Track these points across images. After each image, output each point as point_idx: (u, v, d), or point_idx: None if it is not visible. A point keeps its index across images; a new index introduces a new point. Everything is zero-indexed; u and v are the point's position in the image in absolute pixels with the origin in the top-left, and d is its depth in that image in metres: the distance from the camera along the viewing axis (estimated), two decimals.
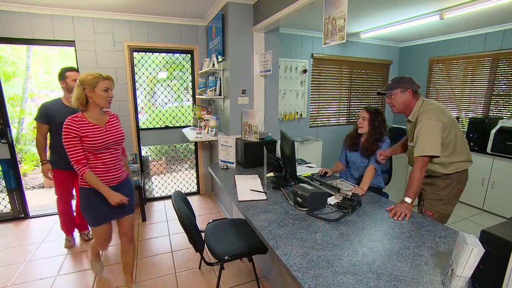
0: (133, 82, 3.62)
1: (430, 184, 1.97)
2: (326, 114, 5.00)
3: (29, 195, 3.72)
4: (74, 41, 3.25)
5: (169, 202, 3.99)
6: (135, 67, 3.64)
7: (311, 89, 4.68)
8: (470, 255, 0.92)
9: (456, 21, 3.60)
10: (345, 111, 5.15)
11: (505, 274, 0.87)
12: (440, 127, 1.73)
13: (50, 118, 2.48)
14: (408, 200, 1.68)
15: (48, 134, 2.57)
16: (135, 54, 3.63)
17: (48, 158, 2.66)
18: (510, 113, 3.92)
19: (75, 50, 3.28)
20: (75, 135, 1.69)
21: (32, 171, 5.49)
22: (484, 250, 0.91)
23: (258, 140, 2.80)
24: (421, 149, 1.73)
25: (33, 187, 4.85)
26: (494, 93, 4.06)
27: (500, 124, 3.52)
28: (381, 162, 2.18)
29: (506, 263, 0.86)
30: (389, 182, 2.62)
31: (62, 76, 2.52)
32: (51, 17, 3.12)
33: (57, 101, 2.57)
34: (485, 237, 0.96)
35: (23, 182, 3.54)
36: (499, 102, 4.03)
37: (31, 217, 3.50)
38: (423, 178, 1.84)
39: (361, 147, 2.29)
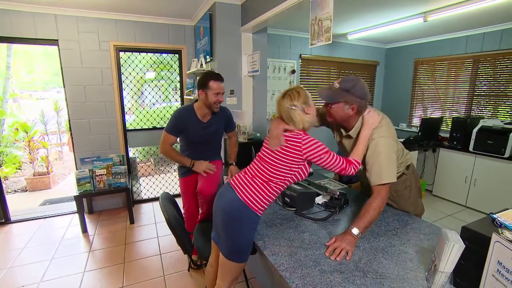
0: (120, 82, 3.55)
1: (398, 192, 1.72)
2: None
3: (10, 199, 3.60)
4: (57, 40, 3.17)
5: (157, 204, 3.93)
6: (121, 67, 3.58)
7: None
8: (452, 251, 0.95)
9: (439, 23, 3.71)
10: None
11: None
12: (395, 145, 1.49)
13: (182, 132, 2.16)
14: (355, 232, 1.31)
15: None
16: (121, 54, 3.57)
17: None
18: (490, 113, 4.06)
19: (59, 50, 3.20)
20: None
21: (13, 174, 5.31)
22: (464, 245, 0.94)
23: (246, 141, 2.80)
24: (388, 174, 1.40)
25: (15, 191, 4.70)
26: (475, 93, 4.19)
27: (481, 123, 3.64)
28: None
29: (485, 257, 0.89)
30: None
31: (204, 85, 2.00)
32: (33, 15, 3.03)
33: (191, 111, 2.13)
34: (466, 233, 0.99)
35: (3, 185, 3.42)
36: (480, 102, 4.17)
37: (13, 222, 3.38)
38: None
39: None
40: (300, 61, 4.60)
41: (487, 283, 0.89)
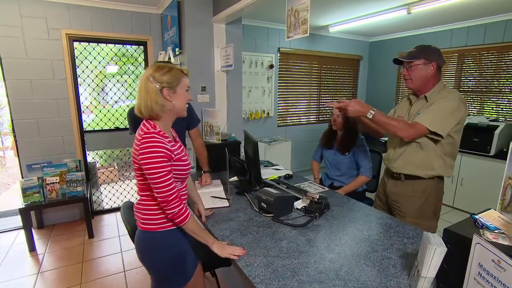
0: (75, 76, 3.41)
1: (407, 196, 1.84)
2: (295, 112, 5.11)
3: None
4: None
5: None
6: (76, 60, 3.44)
7: (279, 85, 4.76)
8: (434, 255, 0.98)
9: (423, 16, 3.88)
10: (315, 108, 5.31)
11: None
12: (461, 112, 1.64)
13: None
14: (372, 111, 1.63)
15: None
16: (76, 44, 3.42)
17: None
18: (476, 109, 4.30)
19: None
20: (169, 159, 1.22)
21: None
22: (446, 249, 0.98)
23: (220, 142, 2.78)
24: (431, 121, 1.59)
25: None
26: (461, 89, 4.42)
27: (466, 120, 3.83)
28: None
29: (467, 260, 0.93)
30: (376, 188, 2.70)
31: None
32: None
33: None
34: (447, 236, 1.03)
35: None
36: (466, 99, 4.40)
37: None
38: (399, 185, 1.85)
39: (336, 144, 2.43)
40: (278, 55, 4.64)
41: (469, 287, 0.93)
